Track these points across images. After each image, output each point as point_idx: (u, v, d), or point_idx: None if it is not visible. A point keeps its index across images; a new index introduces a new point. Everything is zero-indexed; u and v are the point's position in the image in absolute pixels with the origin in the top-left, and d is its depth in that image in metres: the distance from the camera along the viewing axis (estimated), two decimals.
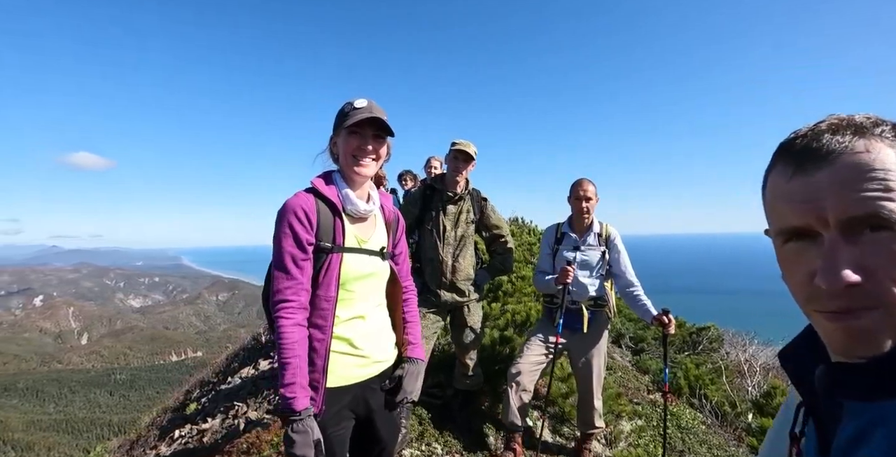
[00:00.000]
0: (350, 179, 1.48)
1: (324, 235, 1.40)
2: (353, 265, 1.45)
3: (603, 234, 2.93)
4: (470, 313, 3.06)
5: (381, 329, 1.59)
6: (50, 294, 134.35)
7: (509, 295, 4.66)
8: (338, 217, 1.44)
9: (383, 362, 1.58)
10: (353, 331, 1.48)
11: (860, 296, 0.47)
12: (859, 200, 0.46)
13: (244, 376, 6.17)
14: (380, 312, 1.60)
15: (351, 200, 1.46)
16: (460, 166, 2.85)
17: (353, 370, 1.48)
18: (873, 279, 0.46)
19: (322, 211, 1.41)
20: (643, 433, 3.81)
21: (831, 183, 0.48)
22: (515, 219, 9.40)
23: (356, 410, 1.53)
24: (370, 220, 1.56)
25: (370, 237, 1.53)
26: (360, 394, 1.52)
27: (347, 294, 1.46)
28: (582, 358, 2.95)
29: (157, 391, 50.00)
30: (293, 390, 1.30)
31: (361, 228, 1.52)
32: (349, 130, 1.42)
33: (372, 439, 1.61)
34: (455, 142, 2.86)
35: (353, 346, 1.48)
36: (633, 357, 6.73)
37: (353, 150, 1.43)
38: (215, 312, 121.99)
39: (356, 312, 1.49)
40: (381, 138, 1.47)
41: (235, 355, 8.94)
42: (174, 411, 6.93)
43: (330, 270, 1.41)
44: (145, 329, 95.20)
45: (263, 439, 2.90)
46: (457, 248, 2.93)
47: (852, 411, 0.50)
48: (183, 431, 5.07)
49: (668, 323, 2.60)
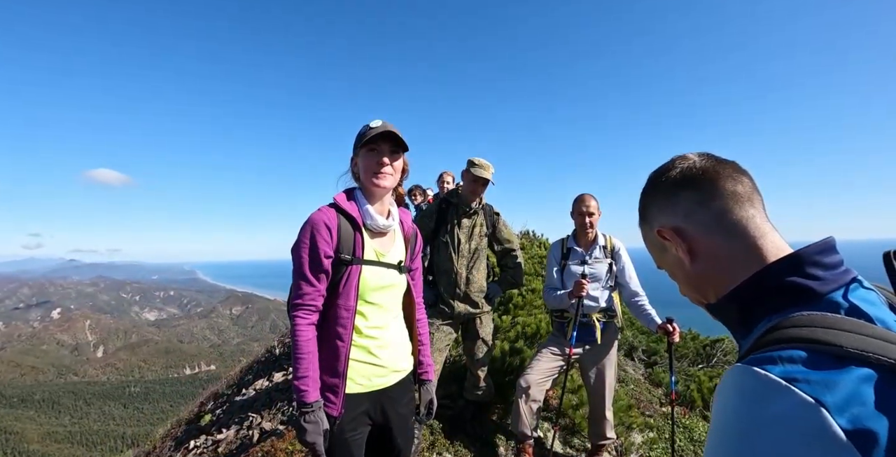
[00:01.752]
0: (371, 193, 1.58)
1: (344, 248, 1.49)
2: (372, 277, 1.53)
3: (608, 246, 2.98)
4: (482, 325, 3.13)
5: (398, 339, 1.67)
6: (68, 307, 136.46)
7: (520, 308, 4.70)
8: (358, 231, 1.53)
9: (401, 371, 1.66)
10: (371, 340, 1.56)
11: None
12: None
13: (258, 388, 6.23)
14: (397, 324, 1.68)
15: (371, 216, 1.55)
16: (479, 190, 2.96)
17: (372, 379, 1.56)
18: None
19: (343, 225, 1.51)
20: (654, 445, 3.80)
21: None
22: (527, 232, 9.42)
23: (373, 416, 1.60)
24: (389, 234, 1.65)
25: (389, 251, 1.62)
26: (379, 401, 1.60)
27: (366, 305, 1.54)
28: (593, 369, 2.99)
29: (170, 404, 50.19)
30: (306, 384, 1.41)
31: (380, 242, 1.61)
32: (367, 147, 1.52)
33: (388, 447, 1.67)
34: (473, 162, 2.92)
35: (372, 355, 1.56)
36: (646, 370, 6.68)
37: (373, 165, 1.53)
38: (229, 326, 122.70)
39: (375, 323, 1.57)
40: (397, 153, 1.57)
41: (249, 367, 9.02)
42: (189, 422, 7.00)
43: (349, 281, 1.49)
44: (160, 342, 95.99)
45: (278, 448, 2.96)
46: (471, 260, 3.02)
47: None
48: (198, 441, 5.13)
49: (673, 331, 2.64)
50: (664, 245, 0.77)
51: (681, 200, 0.75)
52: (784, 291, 0.63)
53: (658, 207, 0.78)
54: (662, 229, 0.76)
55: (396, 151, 1.56)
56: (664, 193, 0.77)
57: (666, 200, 0.76)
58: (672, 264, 0.78)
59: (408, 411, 1.72)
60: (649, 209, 0.80)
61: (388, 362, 1.60)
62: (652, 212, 0.79)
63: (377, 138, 1.50)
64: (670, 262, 0.78)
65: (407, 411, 1.71)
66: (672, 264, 0.78)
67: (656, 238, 0.78)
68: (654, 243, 0.81)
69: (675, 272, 0.79)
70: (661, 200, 0.77)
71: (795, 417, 0.47)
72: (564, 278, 2.99)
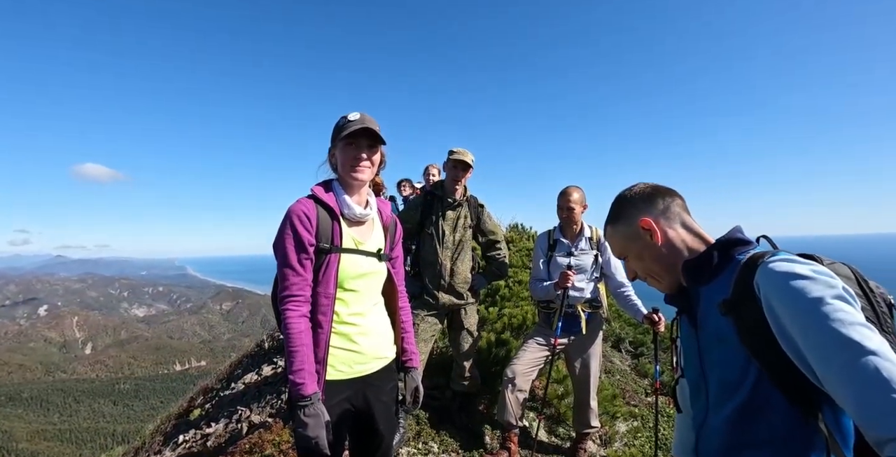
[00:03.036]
0: (349, 185, 1.60)
1: (323, 237, 1.52)
2: (351, 265, 1.56)
3: (594, 237, 3.02)
4: (467, 316, 3.16)
5: (380, 327, 1.69)
6: (55, 304, 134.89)
7: (507, 299, 4.73)
8: (335, 221, 1.56)
9: (383, 358, 1.68)
10: (352, 328, 1.58)
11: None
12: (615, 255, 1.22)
13: (247, 382, 6.23)
14: (379, 311, 1.71)
15: (348, 205, 1.57)
16: (459, 175, 3.00)
17: (352, 366, 1.58)
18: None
19: (321, 215, 1.53)
20: (639, 434, 3.86)
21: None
22: (516, 225, 9.45)
23: (355, 403, 1.62)
24: (367, 223, 1.67)
25: (367, 240, 1.64)
26: (360, 388, 1.62)
27: (346, 292, 1.57)
28: (579, 359, 3.04)
29: (161, 401, 49.95)
30: (302, 376, 1.41)
31: (359, 230, 1.63)
32: (345, 141, 1.54)
33: (371, 433, 1.69)
34: (453, 151, 2.99)
35: (353, 342, 1.58)
36: (633, 361, 6.77)
37: (350, 159, 1.55)
38: (220, 322, 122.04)
39: (355, 310, 1.59)
40: (375, 147, 1.59)
41: (239, 362, 8.99)
42: (178, 417, 6.99)
43: (328, 269, 1.52)
44: (150, 339, 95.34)
45: (266, 439, 2.98)
46: (455, 252, 3.05)
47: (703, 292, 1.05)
48: (187, 436, 5.13)
49: (658, 321, 2.71)
50: (638, 234, 1.10)
51: (657, 201, 1.12)
52: (740, 243, 1.03)
53: (637, 208, 1.12)
54: (646, 219, 1.09)
55: (374, 145, 1.59)
56: (641, 197, 1.14)
57: (644, 202, 1.13)
58: (641, 249, 1.12)
59: (390, 400, 1.73)
60: (628, 209, 1.14)
61: (368, 349, 1.62)
62: (631, 211, 1.13)
63: (355, 133, 1.52)
64: (639, 248, 1.12)
65: (389, 399, 1.73)
66: (641, 249, 1.12)
67: (633, 230, 1.11)
68: (625, 235, 1.14)
69: (643, 255, 1.12)
70: (640, 203, 1.13)
71: (821, 267, 0.85)
72: (551, 270, 3.03)
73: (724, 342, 0.96)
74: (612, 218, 1.18)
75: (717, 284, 1.01)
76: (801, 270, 0.84)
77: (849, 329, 0.73)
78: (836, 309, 0.76)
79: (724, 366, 0.97)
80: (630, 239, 1.12)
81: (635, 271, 1.18)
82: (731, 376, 0.94)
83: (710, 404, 1.03)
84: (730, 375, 0.95)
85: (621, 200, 1.17)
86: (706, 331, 1.02)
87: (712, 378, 1.01)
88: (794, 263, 0.86)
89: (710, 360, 1.02)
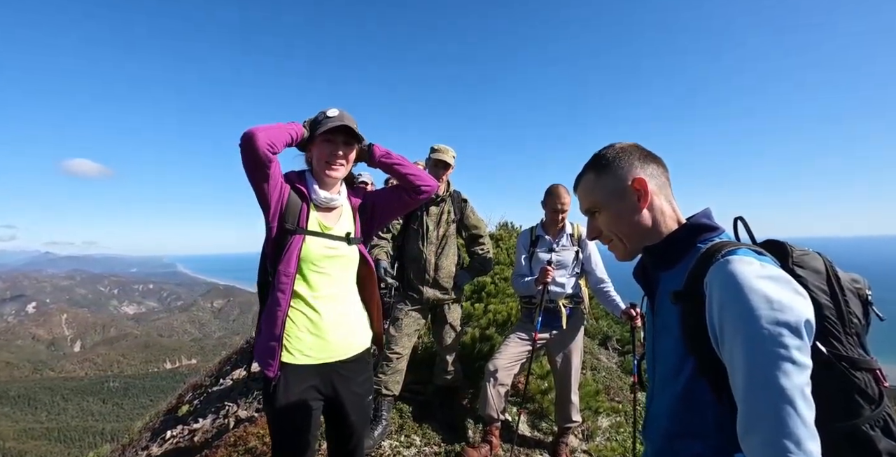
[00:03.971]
0: (322, 181, 1.64)
1: (290, 217, 1.55)
2: (315, 247, 1.58)
3: (575, 234, 3.08)
4: (450, 311, 3.21)
5: (348, 314, 1.69)
6: (43, 301, 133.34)
7: (492, 296, 4.77)
8: (304, 203, 1.60)
9: (352, 346, 1.69)
10: (315, 313, 1.59)
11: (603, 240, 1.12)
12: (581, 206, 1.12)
13: (235, 378, 6.24)
14: (348, 297, 1.71)
15: (316, 192, 1.62)
16: (440, 174, 3.03)
17: (315, 351, 1.59)
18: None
19: (292, 195, 1.58)
20: (621, 429, 3.93)
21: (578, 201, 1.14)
22: (505, 224, 9.51)
23: (324, 391, 1.63)
24: (337, 210, 1.71)
25: (335, 225, 1.67)
26: (328, 376, 1.63)
27: (312, 274, 1.59)
28: (560, 354, 3.08)
29: (150, 399, 49.54)
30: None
31: (327, 216, 1.67)
32: (323, 137, 1.57)
33: (343, 425, 1.71)
34: (435, 148, 3.03)
35: (317, 327, 1.60)
36: (620, 359, 6.85)
37: (326, 156, 1.59)
38: (210, 320, 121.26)
39: (321, 294, 1.61)
40: (351, 145, 1.63)
41: (228, 358, 8.98)
42: (166, 414, 6.98)
43: (291, 248, 1.55)
44: (139, 337, 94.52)
45: (250, 432, 3.00)
46: (439, 247, 3.09)
47: (663, 277, 1.04)
48: (174, 431, 5.14)
49: (636, 316, 2.76)
50: (625, 193, 1.02)
51: (651, 165, 1.05)
52: (706, 228, 0.99)
53: (633, 165, 1.03)
54: (642, 179, 1.01)
55: (350, 142, 1.62)
56: (641, 156, 1.05)
57: (641, 161, 1.04)
58: (622, 209, 1.04)
59: (363, 391, 1.74)
60: (622, 163, 1.04)
61: (334, 336, 1.63)
62: (625, 166, 1.03)
63: (334, 130, 1.55)
64: (619, 207, 1.04)
65: (362, 390, 1.73)
66: (622, 209, 1.04)
67: (622, 186, 1.03)
68: (610, 190, 1.04)
69: (620, 215, 1.04)
70: (637, 160, 1.04)
71: (780, 273, 0.82)
72: (533, 265, 3.08)
73: (670, 332, 0.96)
74: (600, 168, 1.06)
75: (675, 271, 0.99)
76: (754, 278, 0.79)
77: (774, 367, 0.73)
78: (774, 337, 0.74)
79: (666, 355, 0.98)
80: (614, 194, 1.03)
81: (600, 229, 1.09)
82: (671, 366, 0.96)
83: (655, 389, 1.05)
84: (670, 364, 0.96)
85: (616, 152, 1.05)
86: (660, 317, 1.02)
87: (658, 365, 1.03)
88: (751, 266, 0.81)
89: (659, 347, 1.03)
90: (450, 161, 3.01)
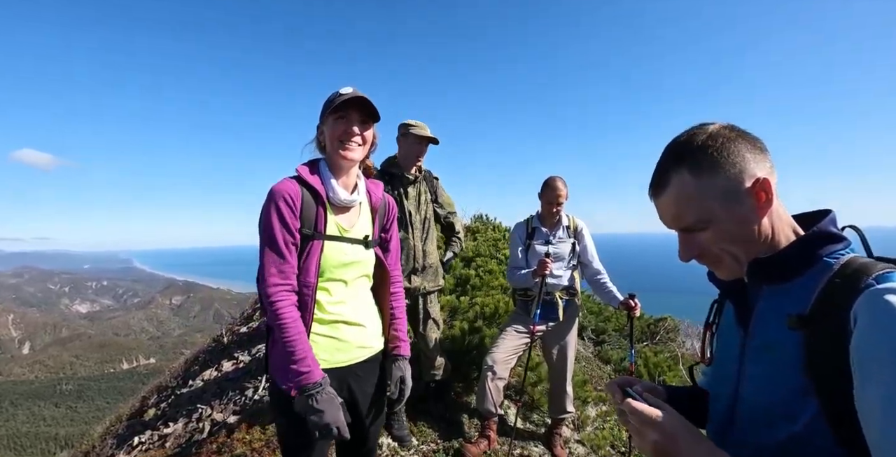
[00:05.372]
0: (336, 165, 1.49)
1: (306, 222, 1.41)
2: (334, 253, 1.46)
3: (571, 226, 3.04)
4: (431, 304, 3.06)
5: (364, 316, 1.60)
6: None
7: (477, 289, 4.73)
8: (320, 206, 1.44)
9: (368, 348, 1.60)
10: (334, 317, 1.49)
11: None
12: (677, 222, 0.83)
13: (206, 379, 5.99)
14: (364, 300, 1.61)
15: (334, 190, 1.46)
16: (423, 151, 2.82)
17: (334, 354, 1.49)
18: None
19: (306, 198, 1.41)
20: (608, 418, 3.96)
21: (662, 209, 0.85)
22: (480, 216, 9.51)
23: (340, 395, 1.52)
24: (354, 209, 1.57)
25: (353, 226, 1.54)
26: (344, 379, 1.53)
27: (329, 282, 1.47)
28: (556, 346, 3.06)
29: (107, 402, 47.75)
30: (307, 364, 1.33)
31: (344, 217, 1.53)
32: (336, 115, 1.43)
33: (356, 427, 1.59)
34: (410, 124, 2.79)
35: (335, 330, 1.49)
36: (595, 348, 6.96)
37: (340, 134, 1.44)
38: (169, 317, 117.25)
39: (338, 299, 1.50)
40: (367, 123, 1.49)
41: (195, 358, 8.67)
42: (130, 418, 6.65)
43: (310, 257, 1.41)
44: (94, 336, 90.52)
45: (235, 438, 2.84)
46: (423, 231, 2.92)
47: (767, 292, 0.82)
48: (142, 437, 4.87)
49: (635, 306, 2.76)
50: (741, 195, 0.77)
51: (764, 156, 0.80)
52: (833, 239, 0.78)
53: (746, 159, 0.77)
54: (766, 180, 0.77)
55: (367, 120, 1.48)
56: (749, 144, 0.79)
57: (753, 152, 0.79)
58: (739, 219, 0.78)
59: (377, 391, 1.66)
60: (736, 154, 0.77)
61: (352, 338, 1.53)
62: (740, 158, 0.77)
63: (347, 105, 1.41)
64: (731, 213, 0.78)
65: (375, 391, 1.65)
66: (739, 219, 0.78)
67: (736, 187, 0.77)
68: (720, 191, 0.78)
69: (741, 228, 0.79)
70: (750, 152, 0.78)
71: None
72: (529, 258, 3.02)
73: (775, 358, 0.78)
74: (701, 165, 0.78)
75: (790, 287, 0.78)
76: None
77: None
78: None
79: (770, 385, 0.78)
80: (726, 198, 0.77)
81: (702, 247, 0.82)
82: (779, 400, 0.77)
83: (740, 419, 0.86)
84: (777, 397, 0.77)
85: (720, 142, 0.78)
86: (758, 339, 0.82)
87: (747, 392, 0.84)
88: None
89: (754, 371, 0.82)
90: (435, 137, 2.80)
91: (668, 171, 0.81)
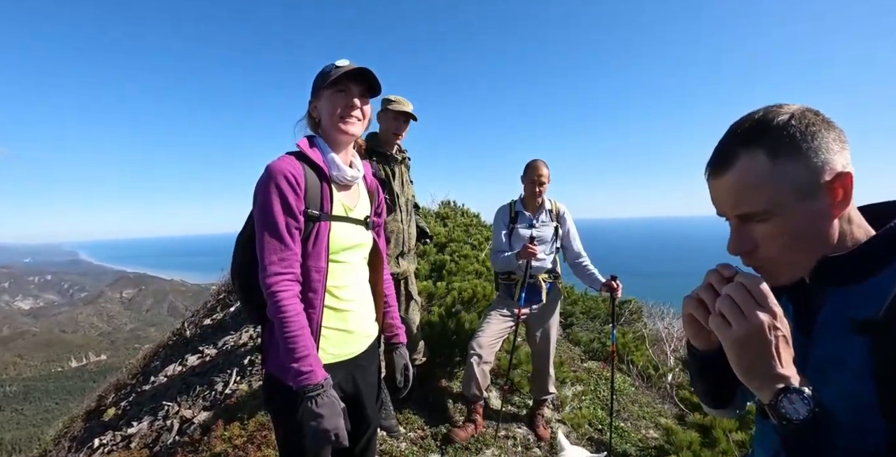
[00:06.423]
0: (335, 140, 1.39)
1: (311, 203, 1.30)
2: (342, 235, 1.37)
3: (553, 210, 3.04)
4: (411, 285, 2.99)
5: (365, 303, 1.52)
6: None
7: (453, 274, 4.71)
8: (325, 183, 1.34)
9: (370, 337, 1.53)
10: (342, 304, 1.40)
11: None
12: (737, 207, 0.72)
13: (170, 374, 5.75)
14: (363, 285, 1.53)
15: (337, 166, 1.36)
16: (403, 128, 2.70)
17: (343, 347, 1.42)
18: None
19: (309, 176, 1.30)
20: (584, 397, 4.06)
21: (721, 191, 0.73)
22: (448, 202, 9.48)
23: (345, 388, 1.46)
24: (354, 188, 1.48)
25: (356, 206, 1.45)
26: (350, 371, 1.46)
27: (336, 265, 1.38)
28: (540, 328, 3.07)
29: (56, 403, 45.53)
30: (309, 363, 1.22)
31: (347, 195, 1.43)
32: (335, 88, 1.33)
33: (359, 418, 1.54)
34: (391, 99, 2.67)
35: (344, 320, 1.41)
36: (565, 330, 7.13)
37: (340, 107, 1.34)
38: (120, 312, 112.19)
39: (341, 283, 1.41)
40: (366, 98, 1.39)
41: (155, 353, 8.32)
42: (87, 419, 6.33)
43: (319, 239, 1.31)
44: (38, 334, 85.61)
45: (215, 435, 2.72)
46: (408, 213, 2.83)
47: (832, 295, 0.73)
48: (104, 438, 4.63)
49: (617, 288, 2.79)
50: (818, 190, 0.67)
51: (846, 148, 0.69)
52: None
53: (832, 150, 0.67)
54: (850, 174, 0.67)
55: (366, 94, 1.38)
56: (835, 133, 0.69)
57: (838, 142, 0.68)
58: (810, 214, 0.69)
59: (376, 380, 1.60)
60: (822, 142, 0.67)
61: (357, 327, 1.46)
62: (825, 148, 0.67)
63: (347, 77, 1.31)
64: (804, 207, 0.68)
65: (375, 379, 1.59)
66: (810, 214, 0.69)
67: (818, 180, 0.67)
68: (800, 186, 0.67)
69: (810, 225, 0.69)
70: (834, 142, 0.68)
71: None
72: (512, 241, 3.00)
73: (842, 371, 0.69)
74: (782, 147, 0.68)
75: (859, 289, 0.69)
76: None
77: None
78: None
79: (834, 400, 0.67)
80: (802, 189, 0.67)
81: (756, 243, 0.73)
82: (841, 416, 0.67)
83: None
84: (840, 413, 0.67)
85: (806, 125, 0.68)
86: (822, 349, 0.73)
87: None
88: None
89: (814, 385, 0.68)
90: (413, 113, 2.68)
91: (737, 149, 0.70)
